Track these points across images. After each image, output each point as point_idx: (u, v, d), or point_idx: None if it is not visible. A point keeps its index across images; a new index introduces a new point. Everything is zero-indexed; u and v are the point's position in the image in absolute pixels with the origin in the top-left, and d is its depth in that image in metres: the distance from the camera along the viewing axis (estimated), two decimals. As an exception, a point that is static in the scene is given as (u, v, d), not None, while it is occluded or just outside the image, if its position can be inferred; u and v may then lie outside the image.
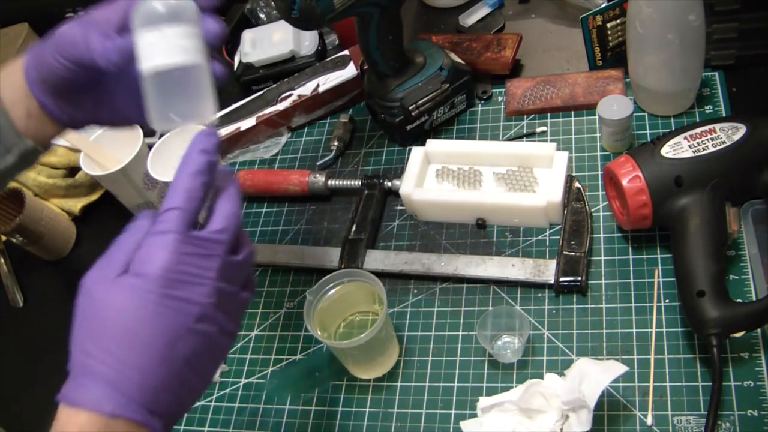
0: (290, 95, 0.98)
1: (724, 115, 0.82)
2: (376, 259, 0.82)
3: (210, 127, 0.50)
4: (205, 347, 0.46)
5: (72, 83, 0.55)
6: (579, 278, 0.73)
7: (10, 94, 0.57)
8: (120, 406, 0.44)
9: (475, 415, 0.67)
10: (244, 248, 0.50)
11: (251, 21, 1.14)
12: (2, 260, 1.00)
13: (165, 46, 0.49)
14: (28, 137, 0.59)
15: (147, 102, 0.50)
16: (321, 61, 1.02)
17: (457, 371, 0.73)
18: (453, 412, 0.70)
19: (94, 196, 1.05)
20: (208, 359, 0.48)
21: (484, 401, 0.66)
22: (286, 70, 1.04)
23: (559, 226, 0.79)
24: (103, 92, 0.58)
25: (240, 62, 1.06)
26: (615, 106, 0.79)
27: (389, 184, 0.88)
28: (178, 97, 0.50)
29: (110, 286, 0.45)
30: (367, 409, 0.73)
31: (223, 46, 1.15)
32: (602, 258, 0.76)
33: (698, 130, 0.70)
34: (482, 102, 0.95)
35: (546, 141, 0.87)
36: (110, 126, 0.62)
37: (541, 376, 0.67)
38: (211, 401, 0.79)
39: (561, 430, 0.63)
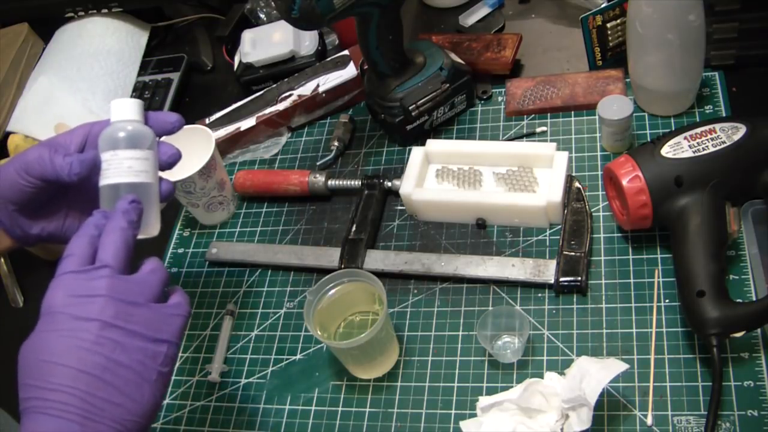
0: (290, 95, 0.98)
1: (724, 115, 0.82)
2: (376, 259, 0.82)
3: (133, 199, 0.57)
4: (119, 355, 0.50)
5: (33, 198, 0.62)
6: (579, 278, 0.73)
7: None
8: (54, 429, 0.48)
9: (475, 415, 0.67)
10: (144, 269, 0.55)
11: (251, 21, 1.14)
12: (2, 260, 1.00)
13: (118, 167, 0.58)
14: None
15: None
16: (321, 61, 1.02)
17: (457, 371, 0.73)
18: (453, 412, 0.70)
19: (94, 196, 1.04)
20: (137, 366, 0.51)
21: (483, 401, 0.66)
22: (286, 70, 1.04)
23: (559, 226, 0.79)
24: (58, 210, 0.65)
25: (240, 62, 1.06)
26: (615, 106, 0.79)
27: (389, 184, 0.88)
28: None
29: (30, 336, 0.52)
30: (367, 409, 0.73)
31: (224, 47, 1.16)
32: (602, 258, 0.76)
33: (698, 130, 0.70)
34: (482, 102, 0.95)
35: (546, 141, 0.87)
36: (57, 243, 0.67)
37: (541, 376, 0.67)
38: (211, 401, 0.79)
39: (561, 429, 0.63)
